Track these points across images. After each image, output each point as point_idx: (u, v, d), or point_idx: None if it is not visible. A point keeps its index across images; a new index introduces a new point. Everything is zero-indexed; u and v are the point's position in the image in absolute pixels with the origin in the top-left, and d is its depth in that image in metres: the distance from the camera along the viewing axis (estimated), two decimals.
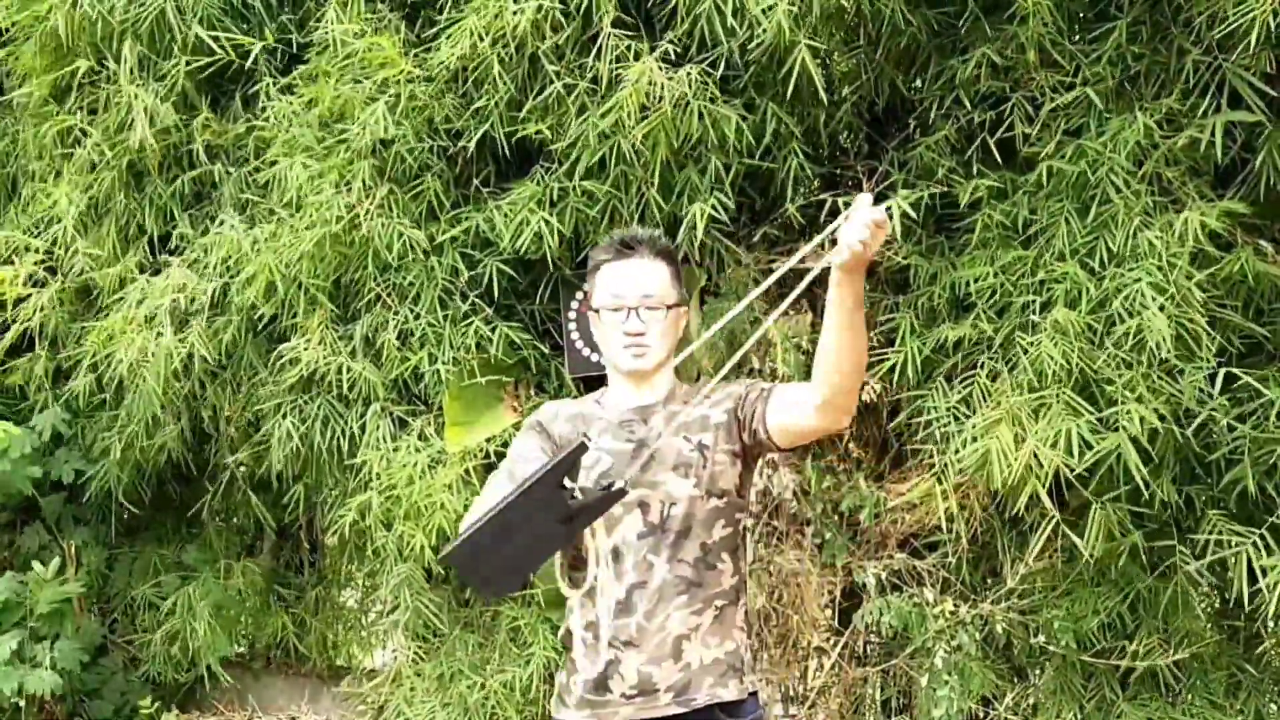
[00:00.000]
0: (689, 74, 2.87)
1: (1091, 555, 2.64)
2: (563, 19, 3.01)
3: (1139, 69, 2.70)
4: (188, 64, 3.57)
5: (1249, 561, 2.59)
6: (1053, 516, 2.69)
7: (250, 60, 3.56)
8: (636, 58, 2.94)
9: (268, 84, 3.52)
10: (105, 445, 3.98)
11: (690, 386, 2.12)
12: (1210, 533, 2.65)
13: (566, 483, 1.69)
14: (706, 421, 2.01)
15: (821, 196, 3.10)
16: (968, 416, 2.72)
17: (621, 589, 1.95)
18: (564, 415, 2.10)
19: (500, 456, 3.36)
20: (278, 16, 3.63)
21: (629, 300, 1.99)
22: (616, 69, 2.96)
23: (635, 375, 2.04)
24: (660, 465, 1.98)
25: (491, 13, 2.99)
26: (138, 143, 3.58)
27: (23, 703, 4.11)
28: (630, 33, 3.00)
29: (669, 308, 2.01)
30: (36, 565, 4.17)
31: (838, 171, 3.25)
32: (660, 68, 2.88)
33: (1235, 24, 2.42)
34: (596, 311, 2.04)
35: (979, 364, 2.80)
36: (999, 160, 2.84)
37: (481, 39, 3.00)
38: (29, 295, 3.82)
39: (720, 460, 1.99)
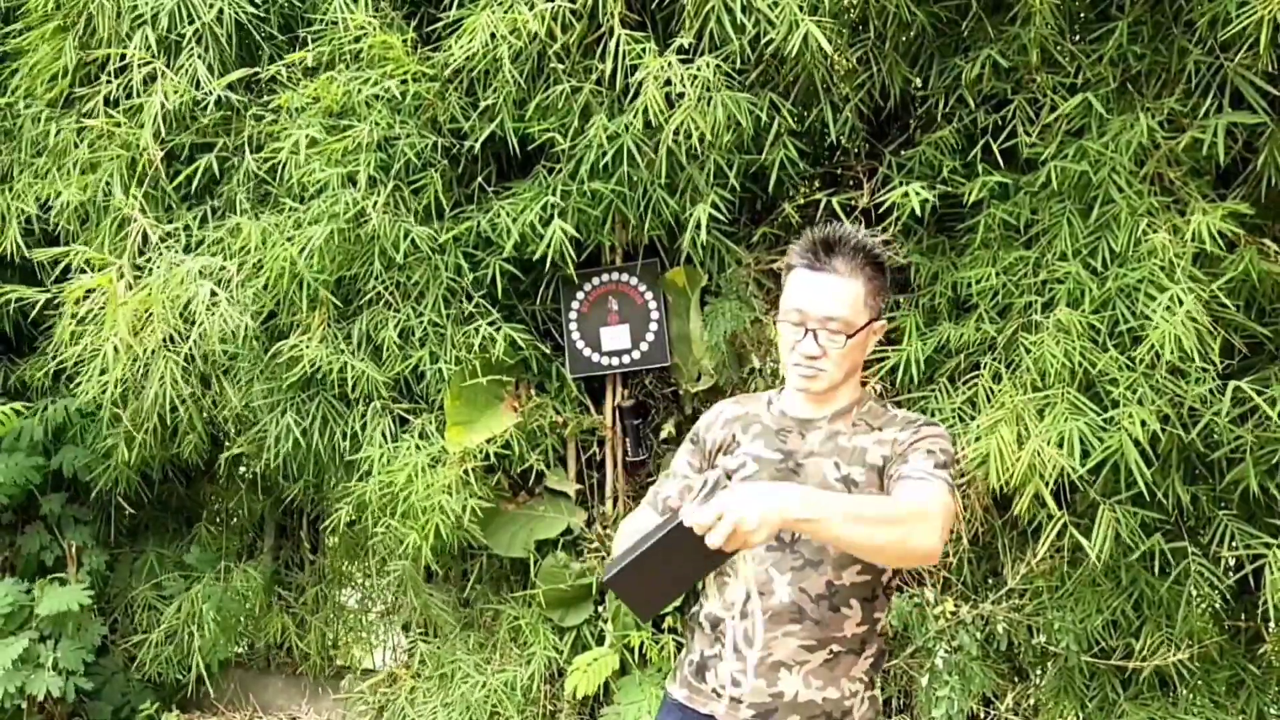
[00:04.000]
0: (709, 63, 2.87)
1: (1099, 558, 2.63)
2: (572, 18, 3.01)
3: (1140, 69, 2.70)
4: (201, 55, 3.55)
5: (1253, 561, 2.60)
6: (1060, 517, 2.69)
7: (261, 38, 3.55)
8: (639, 58, 2.94)
9: (276, 70, 3.49)
10: (112, 443, 3.97)
11: (875, 404, 1.95)
12: (1224, 535, 2.64)
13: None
14: (863, 456, 1.87)
15: (819, 196, 3.10)
16: (972, 418, 2.72)
17: (740, 591, 1.87)
18: (724, 419, 2.01)
19: (500, 457, 3.37)
20: None
21: (810, 320, 1.84)
22: (630, 65, 2.96)
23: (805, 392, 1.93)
24: (801, 483, 1.85)
25: (503, 11, 2.99)
26: (150, 131, 3.55)
27: (24, 704, 4.11)
28: (638, 33, 3.00)
29: (852, 334, 1.83)
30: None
31: (838, 171, 3.25)
32: (675, 62, 2.89)
33: (1239, 26, 2.42)
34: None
35: (982, 365, 2.79)
36: (1000, 161, 2.84)
37: (493, 37, 2.99)
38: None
39: None
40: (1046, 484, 2.58)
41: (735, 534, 1.53)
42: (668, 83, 2.88)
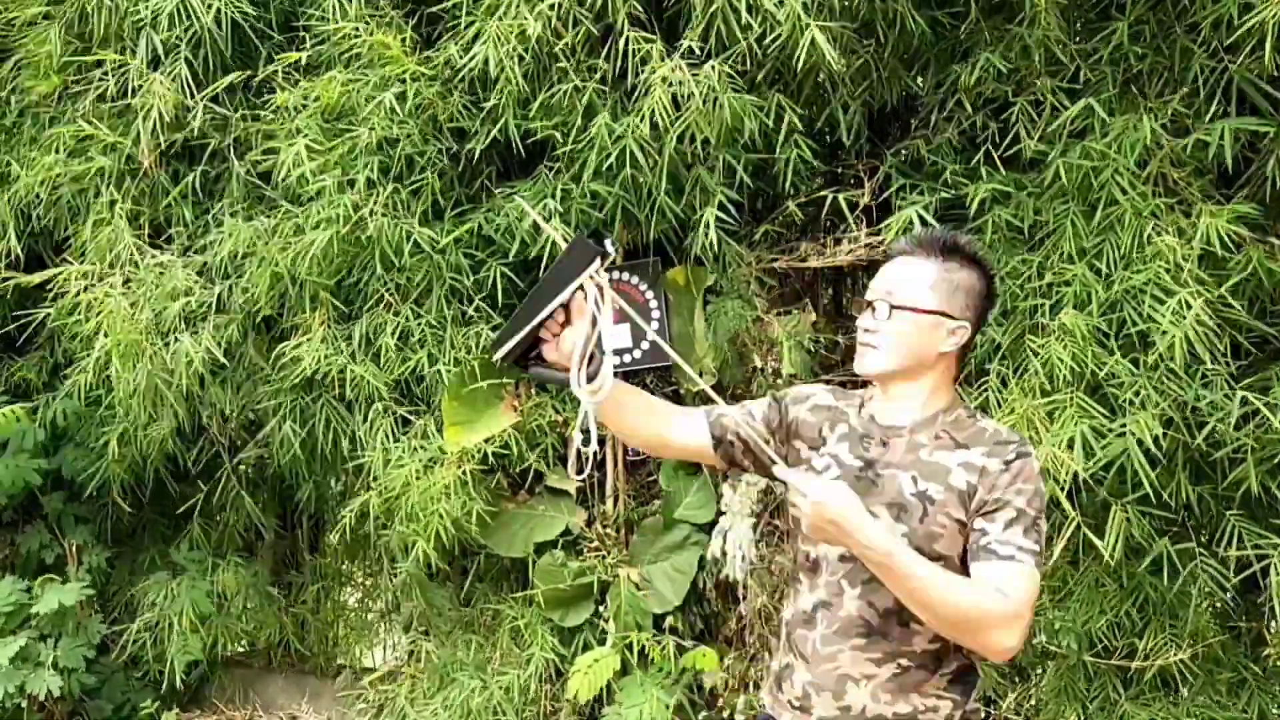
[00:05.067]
0: (715, 68, 2.85)
1: (1112, 559, 2.62)
2: (581, 14, 2.99)
3: (1142, 69, 2.69)
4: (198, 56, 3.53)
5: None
6: (1073, 519, 2.67)
7: (257, 43, 3.53)
8: (647, 59, 2.92)
9: (273, 70, 3.46)
10: (104, 441, 3.96)
11: (964, 414, 1.87)
12: (1229, 535, 2.64)
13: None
14: (945, 475, 1.79)
15: (822, 194, 3.09)
16: None
17: (811, 601, 1.85)
18: (814, 402, 1.97)
19: (499, 457, 3.36)
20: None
21: (872, 294, 1.84)
22: (637, 67, 2.94)
23: (874, 380, 1.89)
24: (879, 496, 1.81)
25: (510, 15, 2.97)
26: (149, 133, 3.53)
27: (24, 702, 4.10)
28: (644, 32, 2.98)
29: (900, 308, 1.80)
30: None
31: (839, 170, 3.23)
32: (683, 66, 2.87)
33: (1243, 29, 2.41)
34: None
35: (989, 369, 2.78)
36: (1000, 165, 2.82)
37: (502, 43, 2.96)
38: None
39: (944, 523, 1.77)
40: (1061, 488, 2.57)
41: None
42: (673, 85, 2.86)
